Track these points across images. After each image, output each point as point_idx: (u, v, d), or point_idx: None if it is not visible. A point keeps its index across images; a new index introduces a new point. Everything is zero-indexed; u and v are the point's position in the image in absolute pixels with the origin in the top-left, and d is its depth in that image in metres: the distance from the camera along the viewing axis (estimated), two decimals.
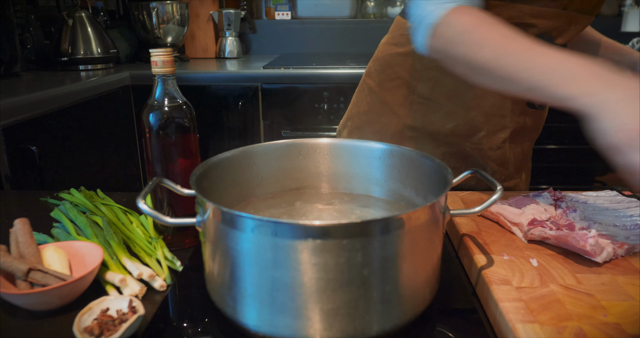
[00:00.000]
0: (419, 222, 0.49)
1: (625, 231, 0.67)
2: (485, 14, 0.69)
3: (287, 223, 0.46)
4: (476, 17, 0.69)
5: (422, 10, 0.73)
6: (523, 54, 0.63)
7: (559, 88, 0.57)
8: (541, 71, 0.60)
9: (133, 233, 0.72)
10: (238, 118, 2.11)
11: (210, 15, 2.53)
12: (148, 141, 0.69)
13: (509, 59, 0.64)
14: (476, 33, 0.68)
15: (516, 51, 0.64)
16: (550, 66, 0.60)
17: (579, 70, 0.57)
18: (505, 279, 0.58)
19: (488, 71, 0.66)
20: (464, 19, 0.69)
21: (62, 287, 0.55)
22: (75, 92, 1.68)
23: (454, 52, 0.70)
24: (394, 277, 0.49)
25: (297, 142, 0.71)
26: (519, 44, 0.64)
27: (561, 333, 0.48)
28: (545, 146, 2.17)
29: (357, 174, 0.71)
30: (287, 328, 0.49)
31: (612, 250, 0.61)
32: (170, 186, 0.59)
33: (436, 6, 0.71)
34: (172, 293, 0.62)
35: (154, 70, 0.66)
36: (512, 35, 0.65)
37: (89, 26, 2.13)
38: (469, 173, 0.62)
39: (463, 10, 0.70)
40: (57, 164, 1.58)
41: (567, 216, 0.70)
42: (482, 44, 0.67)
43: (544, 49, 0.62)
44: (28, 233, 0.63)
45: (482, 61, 0.66)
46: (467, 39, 0.68)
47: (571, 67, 0.58)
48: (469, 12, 0.70)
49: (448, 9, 0.70)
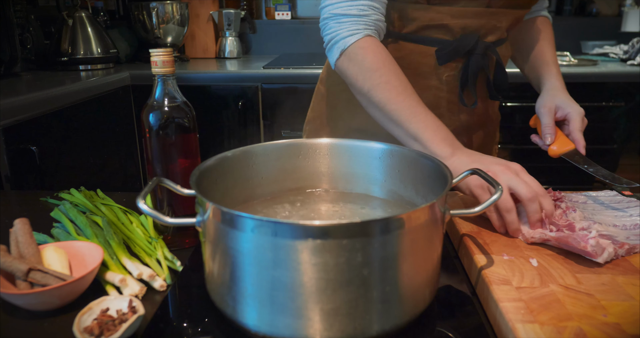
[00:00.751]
0: (419, 222, 0.49)
1: (625, 231, 0.67)
2: (389, 56, 0.81)
3: (287, 223, 0.46)
4: (384, 58, 0.80)
5: (335, 33, 0.83)
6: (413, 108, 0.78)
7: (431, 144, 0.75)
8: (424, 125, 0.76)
9: (133, 233, 0.72)
10: (238, 118, 2.11)
11: (210, 15, 2.53)
12: (148, 141, 0.69)
13: (400, 107, 0.78)
14: (381, 74, 0.79)
15: (408, 102, 0.78)
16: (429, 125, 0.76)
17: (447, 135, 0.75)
18: (505, 279, 0.58)
19: (382, 110, 0.80)
20: (372, 56, 0.80)
21: (62, 287, 0.55)
22: (75, 92, 1.68)
23: (360, 85, 0.81)
24: (394, 277, 0.49)
25: (297, 142, 0.71)
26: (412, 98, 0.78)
27: (561, 333, 0.48)
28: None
29: (357, 174, 0.71)
30: (287, 328, 0.49)
31: (613, 250, 0.61)
32: (170, 186, 0.59)
33: (348, 32, 0.81)
34: (172, 293, 0.62)
35: (154, 70, 0.66)
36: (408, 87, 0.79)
37: (89, 26, 2.13)
38: (469, 173, 0.62)
39: (372, 45, 0.81)
40: (57, 164, 1.58)
41: (567, 217, 0.70)
42: (383, 87, 0.79)
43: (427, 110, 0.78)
44: (28, 233, 0.63)
45: (379, 100, 0.79)
46: (371, 77, 0.80)
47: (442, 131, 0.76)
48: (378, 51, 0.81)
49: (358, 39, 0.81)
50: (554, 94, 0.93)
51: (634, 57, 2.21)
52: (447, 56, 0.89)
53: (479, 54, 0.89)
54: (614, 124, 2.14)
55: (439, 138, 0.75)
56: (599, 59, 2.35)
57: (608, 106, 2.10)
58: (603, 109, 2.12)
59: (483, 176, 0.59)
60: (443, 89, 0.94)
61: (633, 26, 2.55)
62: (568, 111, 0.89)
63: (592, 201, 0.76)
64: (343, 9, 0.82)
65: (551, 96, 0.93)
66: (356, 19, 0.81)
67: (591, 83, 2.07)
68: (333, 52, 0.84)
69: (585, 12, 2.74)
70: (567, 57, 2.22)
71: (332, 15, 0.83)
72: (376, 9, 0.83)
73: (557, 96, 0.92)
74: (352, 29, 0.81)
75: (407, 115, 0.77)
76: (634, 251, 0.64)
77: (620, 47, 2.44)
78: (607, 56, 2.45)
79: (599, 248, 0.60)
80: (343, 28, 0.82)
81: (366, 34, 0.81)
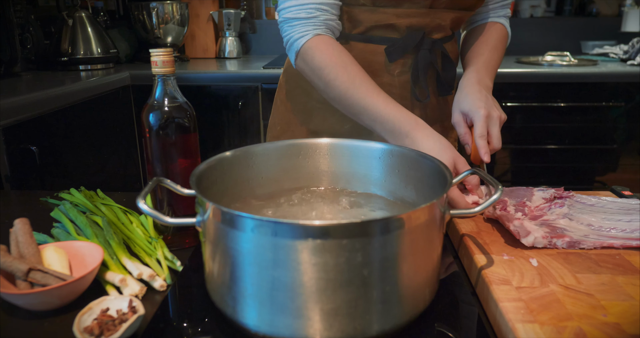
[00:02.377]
0: (419, 222, 0.49)
1: (596, 231, 0.69)
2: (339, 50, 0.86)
3: (287, 223, 0.46)
4: (331, 54, 0.85)
5: (290, 36, 0.88)
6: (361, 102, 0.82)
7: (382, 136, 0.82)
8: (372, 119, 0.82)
9: (133, 233, 0.72)
10: (238, 118, 2.11)
11: (210, 15, 2.53)
12: (148, 141, 0.69)
13: (351, 102, 0.83)
14: (329, 72, 0.84)
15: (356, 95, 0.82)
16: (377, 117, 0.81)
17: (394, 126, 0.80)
18: (505, 279, 0.58)
19: (339, 105, 0.87)
20: (320, 55, 0.85)
21: (62, 287, 0.55)
22: (75, 92, 1.68)
23: (315, 82, 0.88)
24: (394, 277, 0.49)
25: (297, 142, 0.71)
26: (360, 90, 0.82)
27: (561, 333, 0.48)
28: (545, 146, 2.17)
29: (357, 174, 0.71)
30: (287, 328, 0.49)
31: (542, 237, 0.64)
32: (170, 186, 0.59)
33: (299, 34, 0.86)
34: (172, 293, 0.62)
35: (154, 70, 0.66)
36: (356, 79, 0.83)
37: (89, 26, 2.13)
38: (469, 173, 0.62)
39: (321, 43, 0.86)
40: (57, 164, 1.58)
41: (549, 210, 0.73)
42: (333, 84, 0.84)
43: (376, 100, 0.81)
44: (28, 233, 0.63)
45: (334, 96, 0.86)
46: (322, 75, 0.85)
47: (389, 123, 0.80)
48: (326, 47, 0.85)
49: (308, 39, 0.86)
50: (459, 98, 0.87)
51: (634, 57, 2.21)
52: (396, 52, 0.93)
53: (426, 49, 0.93)
54: (614, 124, 2.15)
55: (387, 130, 0.81)
56: (599, 59, 2.35)
57: (608, 106, 2.11)
58: (603, 109, 2.12)
59: (483, 176, 0.60)
60: (395, 86, 0.97)
61: (633, 26, 2.55)
62: (471, 117, 0.83)
63: (600, 205, 0.76)
64: (293, 13, 0.87)
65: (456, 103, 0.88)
66: (305, 22, 0.86)
67: (591, 83, 2.07)
68: (291, 54, 0.90)
69: (585, 12, 2.74)
70: (567, 57, 2.22)
71: (285, 19, 0.88)
72: (324, 11, 0.87)
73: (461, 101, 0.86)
74: (302, 31, 0.86)
75: (358, 110, 0.83)
76: (580, 247, 0.65)
77: (620, 47, 2.44)
78: (607, 56, 2.45)
79: (522, 230, 0.66)
80: (295, 31, 0.87)
81: (315, 33, 0.86)
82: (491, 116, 0.81)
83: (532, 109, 2.10)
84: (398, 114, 0.80)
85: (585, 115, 2.12)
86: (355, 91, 0.83)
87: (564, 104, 2.10)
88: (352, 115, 0.86)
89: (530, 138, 2.15)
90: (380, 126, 0.81)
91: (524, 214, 0.71)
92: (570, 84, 2.07)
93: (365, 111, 0.82)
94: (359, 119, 0.85)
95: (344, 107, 0.86)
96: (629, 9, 2.59)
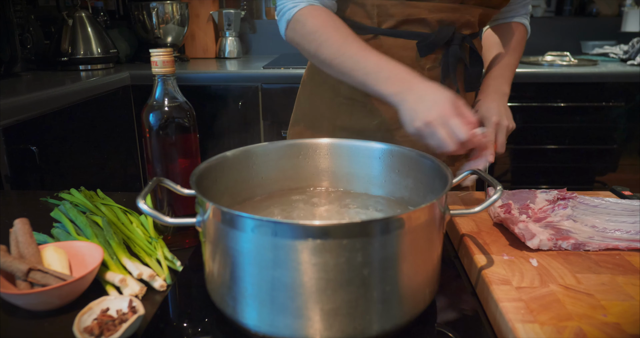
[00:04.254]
0: (419, 222, 0.49)
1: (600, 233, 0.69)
2: (330, 16, 0.85)
3: (287, 223, 0.46)
4: (322, 19, 0.85)
5: (283, 5, 0.88)
6: (354, 56, 0.80)
7: (376, 87, 0.78)
8: (365, 72, 0.79)
9: (133, 233, 0.72)
10: (238, 118, 2.11)
11: (210, 15, 2.53)
12: (148, 141, 0.69)
13: (343, 58, 0.81)
14: (321, 34, 0.84)
15: (350, 52, 0.81)
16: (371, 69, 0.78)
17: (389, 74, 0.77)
18: (505, 279, 0.58)
19: (330, 66, 0.84)
20: (312, 20, 0.85)
21: (62, 287, 0.55)
22: (75, 92, 1.68)
23: (306, 48, 0.86)
24: (394, 277, 0.49)
25: (297, 142, 0.71)
26: (352, 47, 0.81)
27: (561, 333, 0.48)
28: (545, 146, 2.17)
29: (357, 174, 0.71)
30: (287, 328, 0.49)
31: (547, 239, 0.64)
32: (170, 186, 0.59)
33: (293, 4, 0.86)
34: (172, 293, 0.62)
35: (154, 70, 0.66)
36: (349, 38, 0.82)
37: (89, 26, 2.13)
38: (469, 173, 0.63)
39: (313, 11, 0.86)
40: (57, 164, 1.58)
41: (552, 212, 0.73)
42: (326, 44, 0.83)
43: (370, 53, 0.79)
44: (28, 233, 0.63)
45: (325, 58, 0.83)
46: (314, 39, 0.84)
47: (385, 71, 0.78)
48: (317, 14, 0.85)
49: (300, 8, 0.86)
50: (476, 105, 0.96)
51: (634, 57, 2.21)
52: (427, 47, 0.93)
53: (457, 45, 0.94)
54: (614, 124, 2.14)
55: (382, 78, 0.77)
56: (599, 59, 2.35)
57: (608, 106, 2.11)
58: (603, 109, 2.12)
59: (483, 175, 0.60)
60: None
61: (633, 26, 2.55)
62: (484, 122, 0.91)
63: (603, 206, 0.76)
64: None
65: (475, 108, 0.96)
66: None
67: (591, 83, 2.07)
68: (282, 23, 0.89)
69: (585, 12, 2.74)
70: (567, 57, 2.22)
71: None
72: None
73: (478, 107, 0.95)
74: (296, 1, 0.87)
75: (351, 65, 0.80)
76: (584, 248, 0.65)
77: (620, 47, 2.44)
78: (607, 56, 2.45)
79: (527, 232, 0.66)
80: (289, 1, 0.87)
81: (309, 3, 0.86)
82: (501, 124, 0.90)
83: (532, 109, 2.10)
84: (392, 64, 0.79)
85: (585, 115, 2.12)
86: (348, 47, 0.81)
87: (564, 104, 2.10)
88: (344, 74, 0.83)
89: (530, 138, 2.15)
90: (375, 76, 0.78)
91: (528, 216, 0.71)
92: (570, 84, 2.07)
93: (358, 65, 0.80)
94: (351, 76, 0.82)
95: (335, 65, 0.83)
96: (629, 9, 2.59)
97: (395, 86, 0.76)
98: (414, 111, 0.73)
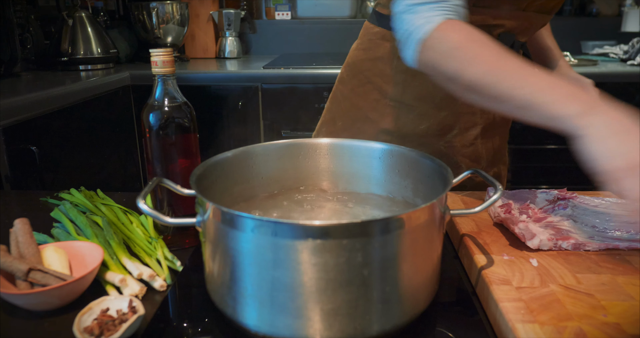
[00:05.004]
0: (419, 222, 0.49)
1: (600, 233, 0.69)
2: (474, 30, 0.70)
3: (287, 223, 0.46)
4: (466, 33, 0.69)
5: (410, 25, 0.73)
6: (515, 73, 0.64)
7: (550, 107, 0.59)
8: (533, 89, 0.61)
9: (133, 233, 0.72)
10: (238, 118, 2.11)
11: (210, 15, 2.53)
12: (148, 141, 0.69)
13: (501, 77, 0.64)
14: (467, 50, 0.68)
15: (508, 69, 0.64)
16: (543, 86, 0.61)
17: (568, 92, 0.59)
18: (505, 279, 0.58)
19: (479, 88, 0.66)
20: (454, 35, 0.69)
21: (62, 287, 0.55)
22: (75, 92, 1.68)
23: (445, 68, 0.70)
24: (394, 277, 0.49)
25: (297, 142, 0.71)
26: (510, 63, 0.65)
27: (561, 333, 0.48)
28: (545, 146, 2.17)
29: (357, 174, 0.71)
30: (287, 328, 0.49)
31: (548, 240, 0.64)
32: (170, 186, 0.59)
33: (425, 20, 0.71)
34: (172, 293, 0.62)
35: (154, 70, 0.66)
36: (502, 53, 0.66)
37: (89, 26, 2.13)
38: (469, 173, 0.62)
39: (452, 25, 0.70)
40: (57, 164, 1.58)
41: (552, 212, 0.73)
42: (474, 61, 0.67)
43: (534, 70, 0.63)
44: (28, 233, 0.63)
45: (474, 78, 0.66)
46: (458, 56, 0.68)
47: (562, 89, 0.60)
48: (459, 28, 0.70)
49: (437, 24, 0.70)
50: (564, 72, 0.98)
51: (634, 57, 2.21)
52: None
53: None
54: None
55: (560, 94, 0.59)
56: (599, 59, 2.35)
57: None
58: None
59: (483, 175, 0.59)
60: None
61: (633, 26, 2.55)
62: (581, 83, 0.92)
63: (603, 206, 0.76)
64: None
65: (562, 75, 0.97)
66: (432, 6, 0.72)
67: None
68: (410, 46, 0.74)
69: (585, 12, 2.74)
70: (567, 57, 2.22)
71: (407, 6, 0.74)
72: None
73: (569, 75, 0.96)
74: (428, 16, 0.71)
75: (511, 83, 0.63)
76: (585, 249, 0.65)
77: (620, 47, 2.44)
78: (607, 56, 2.45)
79: (527, 232, 0.65)
80: (419, 17, 0.72)
81: (446, 18, 0.71)
82: None
83: None
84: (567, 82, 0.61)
85: None
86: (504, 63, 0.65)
87: None
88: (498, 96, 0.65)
89: (530, 138, 2.15)
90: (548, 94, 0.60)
91: (528, 216, 0.71)
92: None
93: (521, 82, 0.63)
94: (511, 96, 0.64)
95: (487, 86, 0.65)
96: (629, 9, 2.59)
97: (577, 105, 0.58)
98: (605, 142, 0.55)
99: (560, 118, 0.59)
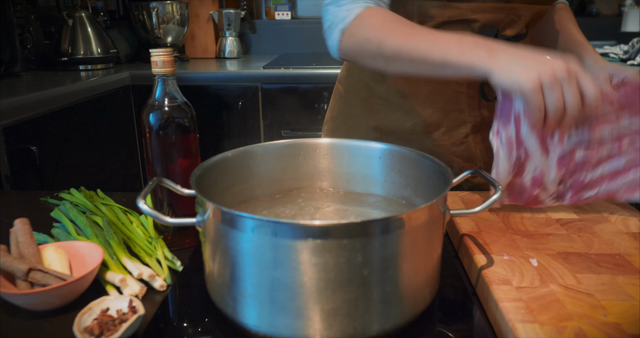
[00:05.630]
0: (419, 222, 0.49)
1: None
2: (390, 13, 0.78)
3: (287, 223, 0.46)
4: (382, 16, 0.77)
5: (334, 16, 0.81)
6: (426, 38, 0.72)
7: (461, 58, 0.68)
8: (444, 48, 0.70)
9: (133, 233, 0.72)
10: (238, 118, 2.11)
11: (210, 15, 2.53)
12: (148, 141, 0.69)
13: (415, 44, 0.73)
14: (385, 28, 0.76)
15: (420, 36, 0.73)
16: (451, 43, 0.70)
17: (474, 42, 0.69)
18: (505, 279, 0.58)
19: (398, 58, 0.75)
20: (371, 20, 0.77)
21: (62, 287, 0.55)
22: (75, 92, 1.68)
23: (366, 49, 0.77)
24: (394, 277, 0.49)
25: (297, 142, 0.71)
26: (421, 32, 0.74)
27: (561, 333, 0.48)
28: None
29: (357, 174, 0.71)
30: (287, 328, 0.49)
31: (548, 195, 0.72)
32: (170, 186, 0.59)
33: (347, 12, 0.79)
34: (172, 293, 0.62)
35: (154, 70, 0.66)
36: (415, 26, 0.75)
37: (89, 26, 2.13)
38: (469, 173, 0.62)
39: (370, 12, 0.78)
40: (57, 164, 1.58)
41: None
42: (390, 36, 0.75)
43: (442, 34, 0.72)
44: (28, 233, 0.63)
45: (393, 48, 0.74)
46: (377, 35, 0.76)
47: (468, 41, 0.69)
48: (376, 13, 0.78)
49: (357, 13, 0.78)
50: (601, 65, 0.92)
51: (634, 57, 2.21)
52: None
53: None
54: None
55: (466, 47, 0.69)
56: None
57: None
58: None
59: (484, 175, 0.60)
60: (463, 84, 0.94)
61: (633, 26, 2.55)
62: (624, 74, 0.85)
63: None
64: None
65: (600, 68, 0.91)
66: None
67: None
68: (334, 36, 0.81)
69: (585, 12, 2.74)
70: None
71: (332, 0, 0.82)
72: None
73: (606, 67, 0.90)
74: (349, 7, 0.79)
75: (426, 46, 0.72)
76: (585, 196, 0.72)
77: (620, 47, 2.44)
78: (607, 56, 2.45)
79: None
80: (341, 8, 0.80)
81: (365, 6, 0.79)
82: None
83: None
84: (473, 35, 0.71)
85: None
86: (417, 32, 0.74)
87: None
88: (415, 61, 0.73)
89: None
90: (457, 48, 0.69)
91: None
92: None
93: (434, 44, 0.71)
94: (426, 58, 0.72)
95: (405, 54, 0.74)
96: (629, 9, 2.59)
97: (482, 50, 0.67)
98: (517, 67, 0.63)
99: (471, 65, 0.67)
